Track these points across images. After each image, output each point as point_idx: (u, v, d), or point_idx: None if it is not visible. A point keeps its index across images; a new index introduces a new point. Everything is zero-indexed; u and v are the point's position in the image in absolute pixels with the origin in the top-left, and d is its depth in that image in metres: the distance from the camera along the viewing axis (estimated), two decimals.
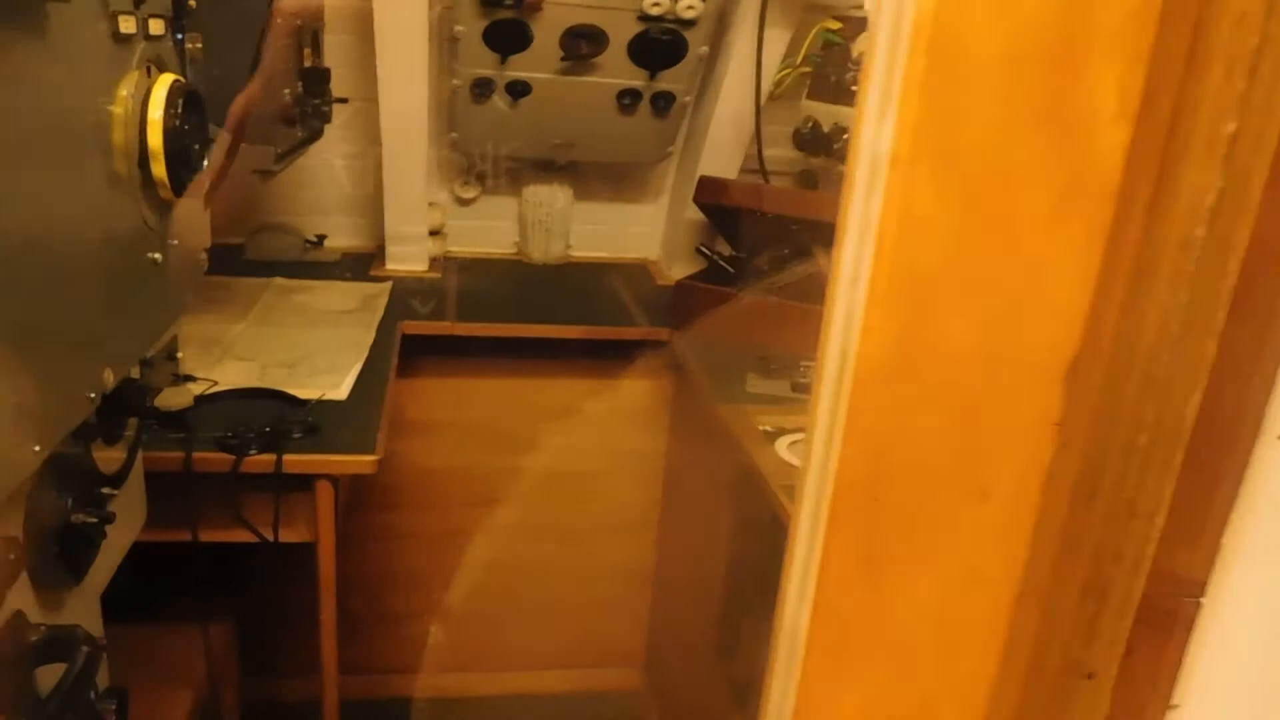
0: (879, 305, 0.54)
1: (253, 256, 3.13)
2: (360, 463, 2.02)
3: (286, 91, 2.32)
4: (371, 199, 3.22)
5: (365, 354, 2.50)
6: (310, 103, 2.54)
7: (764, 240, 2.94)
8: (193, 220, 1.61)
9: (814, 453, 0.60)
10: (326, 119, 2.62)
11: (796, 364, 2.58)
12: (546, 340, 2.97)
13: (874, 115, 0.54)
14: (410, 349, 2.79)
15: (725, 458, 2.48)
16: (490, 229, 3.46)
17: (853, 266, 0.56)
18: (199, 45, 1.57)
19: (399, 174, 3.02)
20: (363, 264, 3.21)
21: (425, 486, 3.05)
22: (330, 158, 3.18)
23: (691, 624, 2.98)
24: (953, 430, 0.57)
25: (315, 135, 2.63)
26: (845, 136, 2.61)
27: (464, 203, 3.40)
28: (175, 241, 1.50)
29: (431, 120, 3.00)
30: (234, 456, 1.96)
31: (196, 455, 1.95)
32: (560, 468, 3.16)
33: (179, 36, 1.50)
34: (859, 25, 2.64)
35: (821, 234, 2.34)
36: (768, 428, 2.38)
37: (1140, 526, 0.58)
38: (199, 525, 2.02)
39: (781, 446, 2.28)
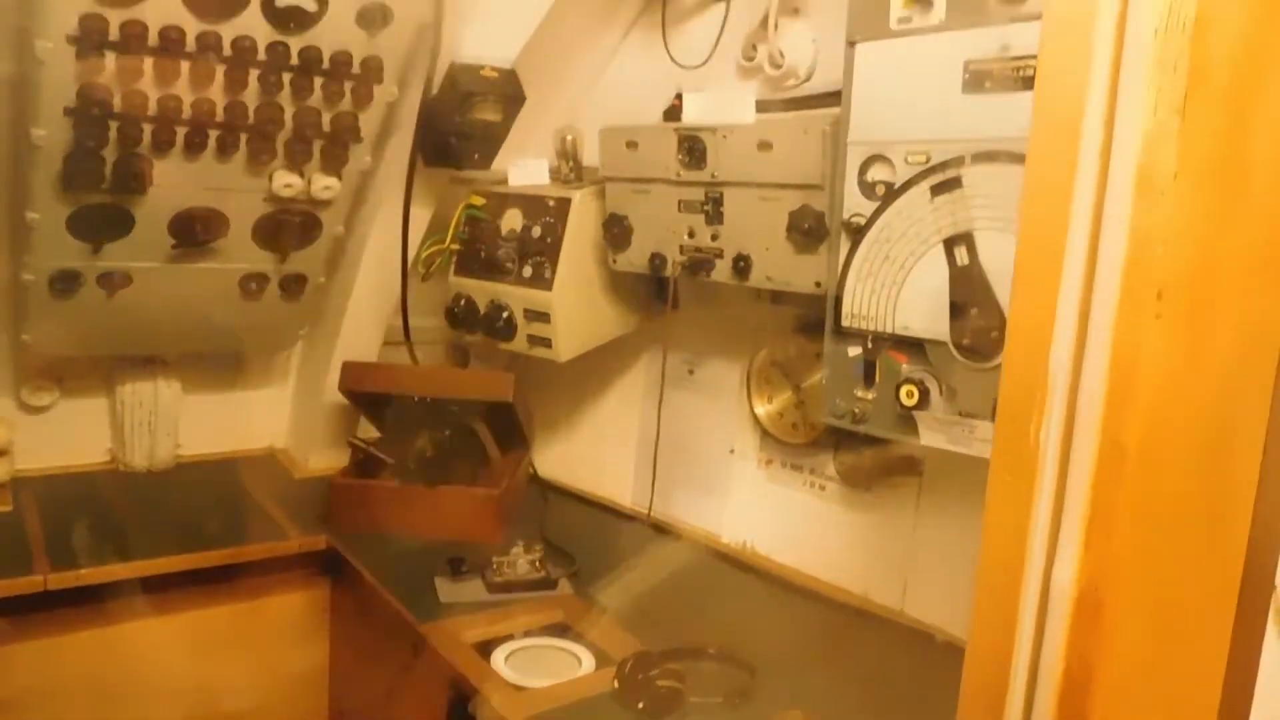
0: None
1: None
2: None
3: None
4: None
5: None
6: None
7: (420, 423, 2.73)
8: None
9: None
10: None
11: (487, 559, 2.39)
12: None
13: (1041, 543, 0.44)
14: None
15: (422, 672, 2.22)
16: (74, 437, 2.85)
17: None
18: None
19: None
20: None
21: None
22: None
23: None
24: None
25: None
26: (505, 315, 2.52)
27: (36, 410, 2.77)
28: None
29: None
30: None
31: None
32: (206, 713, 2.62)
33: None
34: (503, 201, 2.60)
35: (482, 412, 2.19)
36: (476, 639, 2.16)
37: None
38: None
39: (499, 660, 2.08)
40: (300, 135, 2.29)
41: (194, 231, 2.36)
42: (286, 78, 2.17)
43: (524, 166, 2.59)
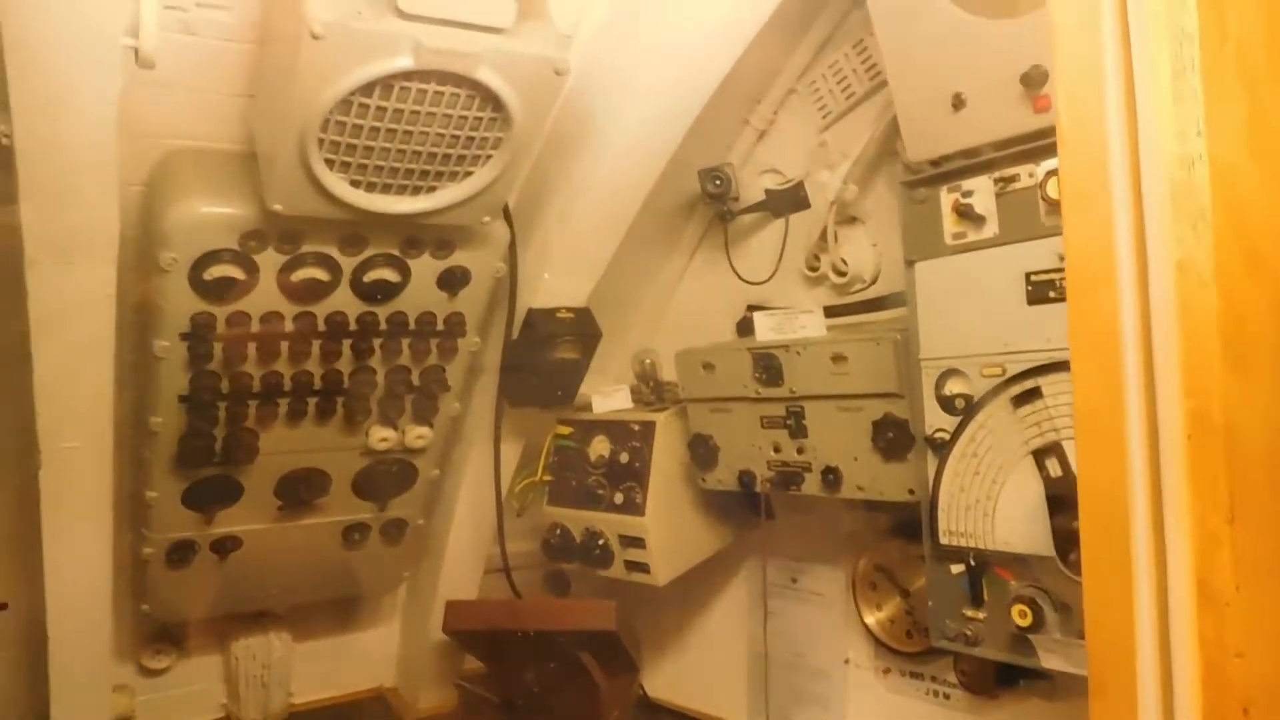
0: None
1: None
2: None
3: None
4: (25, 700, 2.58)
5: None
6: None
7: (525, 656, 2.70)
8: None
9: None
10: None
11: None
12: None
13: None
14: None
15: None
16: (190, 696, 2.90)
17: None
18: None
19: (70, 668, 2.46)
20: None
21: None
22: None
23: None
24: None
25: None
26: (601, 542, 2.53)
27: (154, 674, 2.84)
28: None
29: (113, 590, 2.51)
30: None
31: None
32: None
33: None
34: (589, 428, 2.65)
35: (586, 641, 2.15)
36: None
37: None
38: None
39: None
40: (392, 392, 2.40)
41: (298, 491, 2.46)
42: (377, 343, 2.30)
43: (607, 394, 2.66)
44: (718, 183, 2.47)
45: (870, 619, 2.41)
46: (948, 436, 1.73)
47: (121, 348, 2.17)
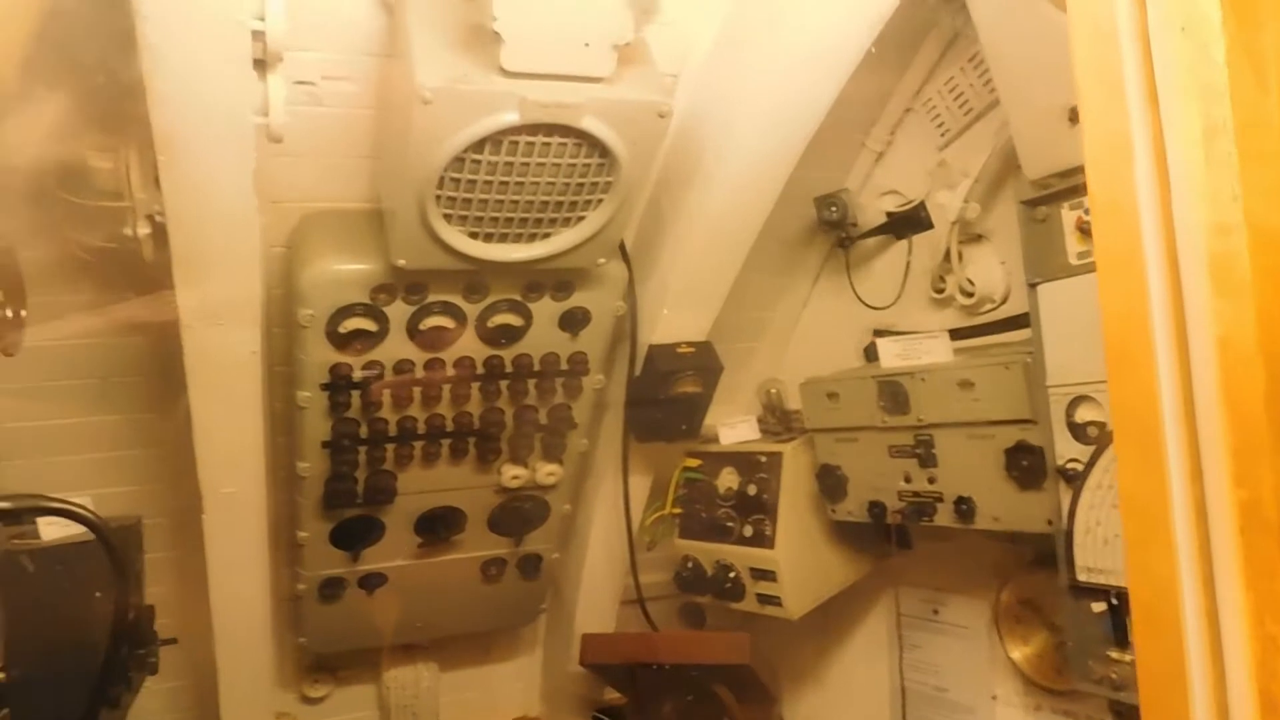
0: None
1: None
2: None
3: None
4: None
5: None
6: (132, 654, 2.19)
7: (662, 688, 2.71)
8: None
9: None
10: (151, 669, 2.26)
11: None
12: None
13: None
14: None
15: None
16: None
17: None
18: None
19: (237, 696, 2.63)
20: None
21: None
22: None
23: None
24: None
25: (136, 691, 2.25)
26: (732, 575, 2.51)
27: (314, 702, 3.00)
28: None
29: (273, 624, 2.67)
30: None
31: None
32: None
33: None
34: (717, 460, 2.64)
35: (722, 674, 2.11)
36: None
37: None
38: None
39: None
40: (521, 431, 2.47)
41: (437, 529, 2.57)
42: (504, 385, 2.38)
43: (733, 425, 2.65)
44: (833, 209, 2.43)
45: (1017, 654, 2.30)
46: (1081, 467, 1.64)
47: (271, 399, 2.32)
